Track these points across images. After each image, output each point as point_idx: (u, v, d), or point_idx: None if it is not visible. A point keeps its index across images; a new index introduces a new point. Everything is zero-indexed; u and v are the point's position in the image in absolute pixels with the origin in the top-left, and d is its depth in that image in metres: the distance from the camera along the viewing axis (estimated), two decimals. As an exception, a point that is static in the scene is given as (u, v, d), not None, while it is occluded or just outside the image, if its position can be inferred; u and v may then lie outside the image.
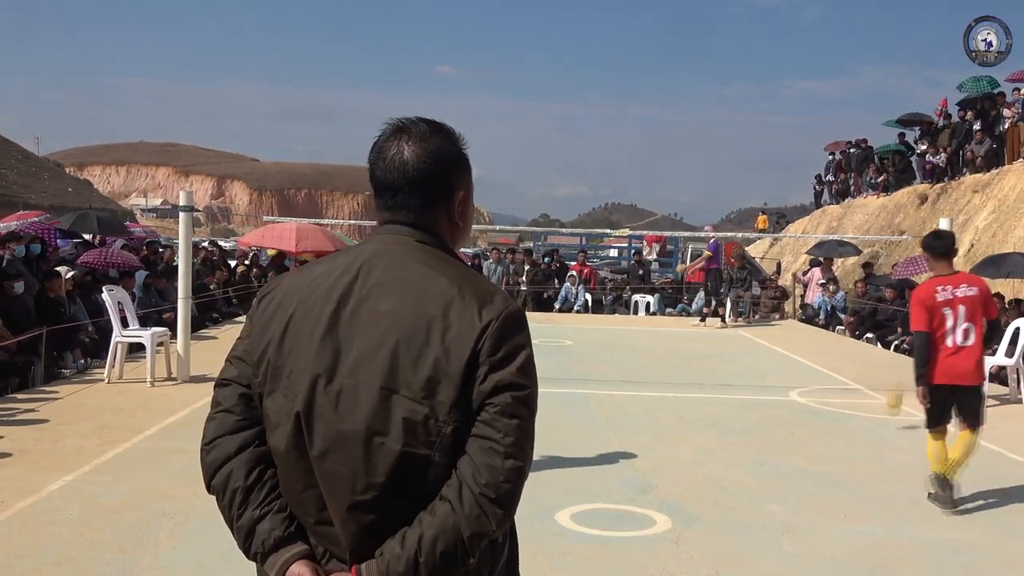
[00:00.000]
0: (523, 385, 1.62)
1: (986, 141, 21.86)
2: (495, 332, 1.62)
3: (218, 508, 1.75)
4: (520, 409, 1.61)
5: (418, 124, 1.78)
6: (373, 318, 1.65)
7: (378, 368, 1.62)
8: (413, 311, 1.64)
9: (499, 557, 1.74)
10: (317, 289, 1.71)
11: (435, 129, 1.78)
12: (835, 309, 17.78)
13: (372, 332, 1.64)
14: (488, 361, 1.61)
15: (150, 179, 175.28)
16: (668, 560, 4.70)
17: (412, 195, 1.75)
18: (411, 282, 1.67)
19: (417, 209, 1.76)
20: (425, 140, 1.75)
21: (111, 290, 9.85)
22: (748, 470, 6.55)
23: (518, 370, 1.63)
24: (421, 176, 1.74)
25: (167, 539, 4.79)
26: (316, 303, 1.69)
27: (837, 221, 29.22)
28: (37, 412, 7.78)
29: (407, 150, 1.75)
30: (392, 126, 1.79)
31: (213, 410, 1.80)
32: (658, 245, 25.13)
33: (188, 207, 9.83)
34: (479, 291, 1.67)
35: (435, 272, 1.69)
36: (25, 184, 69.38)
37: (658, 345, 14.10)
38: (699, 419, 8.32)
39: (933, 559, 4.91)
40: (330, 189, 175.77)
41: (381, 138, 1.79)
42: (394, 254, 1.72)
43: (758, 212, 53.49)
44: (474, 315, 1.63)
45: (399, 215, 1.77)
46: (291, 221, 23.63)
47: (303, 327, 1.69)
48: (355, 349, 1.64)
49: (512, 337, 1.64)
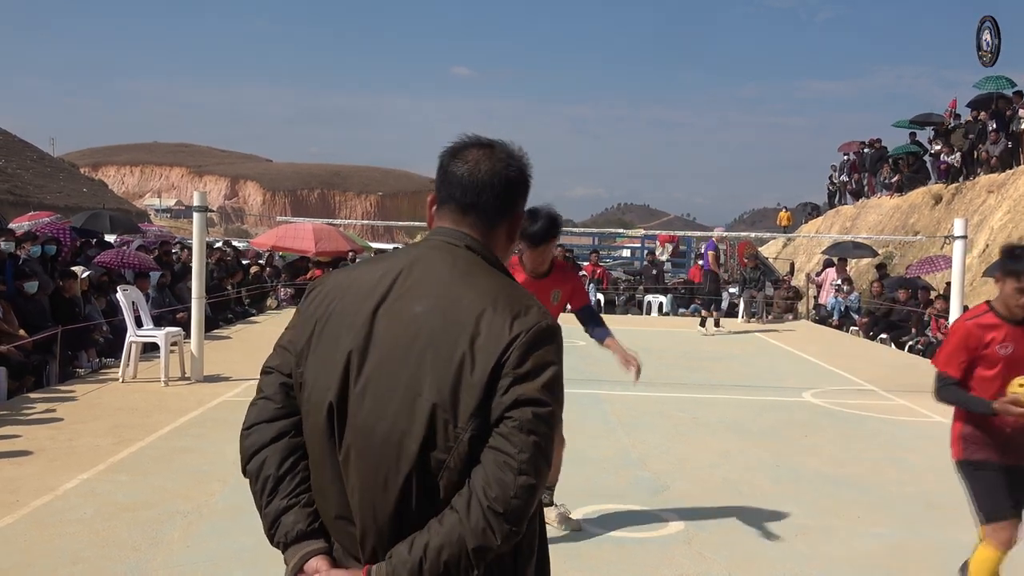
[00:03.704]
0: (545, 402, 1.61)
1: (1001, 141, 21.72)
2: (523, 344, 1.61)
3: (250, 492, 1.79)
4: (539, 426, 1.59)
5: (502, 145, 1.84)
6: (406, 318, 1.66)
7: (405, 368, 1.63)
8: (445, 315, 1.64)
9: (523, 568, 1.72)
10: (360, 287, 1.75)
11: (514, 153, 1.84)
12: (849, 310, 17.70)
13: (403, 332, 1.65)
14: (512, 373, 1.60)
15: (164, 179, 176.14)
16: (682, 561, 4.68)
17: (480, 206, 1.79)
18: (448, 286, 1.68)
19: (481, 220, 1.79)
20: (505, 160, 1.81)
21: (125, 290, 9.90)
22: (763, 471, 6.52)
23: (543, 386, 1.61)
24: (494, 191, 1.78)
25: (181, 538, 4.80)
26: (355, 300, 1.73)
27: (851, 221, 29.09)
28: (52, 411, 7.81)
29: (487, 164, 1.79)
30: (476, 138, 1.84)
31: (256, 396, 1.85)
32: (671, 245, 25.05)
33: (202, 207, 9.86)
34: (514, 302, 1.67)
35: (474, 280, 1.70)
36: (40, 185, 69.77)
37: (672, 346, 14.05)
38: (713, 420, 8.29)
39: (951, 563, 4.87)
40: (343, 190, 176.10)
41: (463, 145, 1.83)
42: (438, 259, 1.74)
43: (772, 212, 53.21)
44: (504, 325, 1.62)
45: (460, 222, 1.80)
46: (306, 222, 23.70)
47: (341, 322, 1.72)
48: (386, 347, 1.66)
49: (540, 352, 1.63)
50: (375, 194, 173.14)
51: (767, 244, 34.61)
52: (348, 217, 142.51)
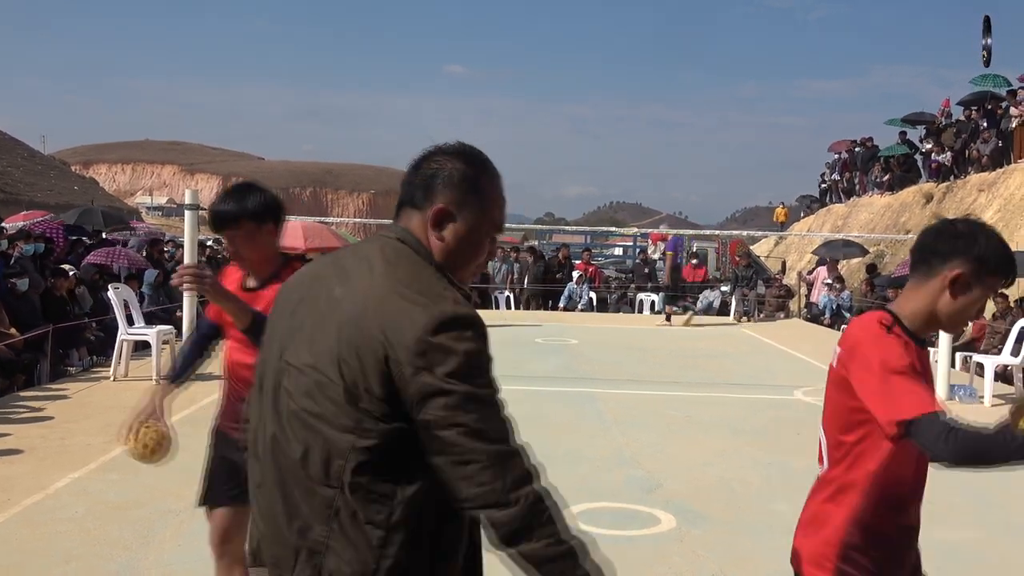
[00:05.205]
0: (452, 391, 1.58)
1: (992, 140, 21.80)
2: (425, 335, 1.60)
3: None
4: (457, 415, 1.58)
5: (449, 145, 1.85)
6: (324, 304, 1.72)
7: (315, 350, 1.68)
8: (356, 300, 1.67)
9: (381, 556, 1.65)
10: (304, 278, 1.85)
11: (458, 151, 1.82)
12: (841, 308, 17.75)
13: (319, 315, 1.72)
14: (412, 363, 1.58)
15: (156, 177, 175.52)
16: (674, 559, 4.69)
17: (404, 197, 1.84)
18: (360, 272, 1.72)
19: (404, 212, 1.82)
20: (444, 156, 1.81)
21: (116, 288, 9.88)
22: (755, 470, 6.53)
23: (447, 375, 1.58)
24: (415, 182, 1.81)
25: (172, 537, 4.79)
26: (295, 291, 1.83)
27: (842, 220, 29.17)
28: (43, 410, 7.79)
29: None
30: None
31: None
32: (663, 244, 25.07)
33: (194, 205, 9.83)
34: (423, 292, 1.65)
35: (391, 267, 1.71)
36: (31, 183, 69.48)
37: (664, 344, 14.08)
38: (706, 418, 8.31)
39: (938, 559, 4.88)
40: (335, 188, 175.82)
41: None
42: (366, 248, 1.80)
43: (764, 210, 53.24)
44: (412, 313, 1.61)
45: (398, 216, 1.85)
46: (296, 220, 23.67)
47: (280, 311, 1.83)
48: (306, 331, 1.72)
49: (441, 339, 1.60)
50: (368, 192, 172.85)
51: (759, 242, 34.68)
52: (341, 215, 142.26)
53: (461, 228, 1.77)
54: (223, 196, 3.13)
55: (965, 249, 2.17)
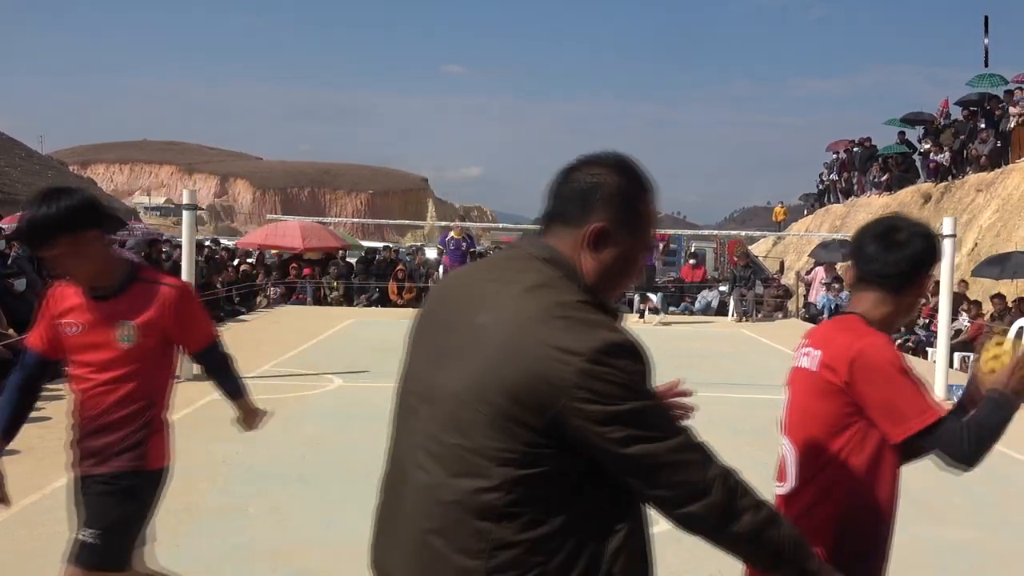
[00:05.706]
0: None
1: (990, 140, 21.83)
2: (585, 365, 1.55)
3: None
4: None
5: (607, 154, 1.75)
6: (467, 330, 1.65)
7: (462, 381, 1.61)
8: (505, 330, 1.59)
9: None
10: (444, 292, 1.79)
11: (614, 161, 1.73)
12: (839, 308, 17.75)
13: (461, 343, 1.65)
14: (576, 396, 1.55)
15: (153, 177, 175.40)
16: (671, 559, 4.68)
17: (552, 212, 1.73)
18: (505, 298, 1.63)
19: (553, 228, 1.72)
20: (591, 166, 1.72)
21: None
22: (754, 470, 6.47)
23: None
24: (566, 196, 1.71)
25: (170, 537, 4.78)
26: (437, 306, 1.78)
27: (841, 220, 29.19)
28: (41, 409, 7.77)
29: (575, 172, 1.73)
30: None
31: None
32: (661, 244, 25.10)
33: (191, 205, 9.84)
34: (578, 320, 1.58)
35: (540, 292, 1.62)
36: (28, 183, 69.34)
37: (662, 344, 14.08)
38: (704, 418, 8.25)
39: (936, 559, 4.89)
40: (333, 188, 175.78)
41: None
42: (510, 270, 1.70)
43: (763, 210, 53.29)
44: (569, 343, 1.55)
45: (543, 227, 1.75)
46: (293, 220, 23.67)
47: (422, 328, 1.78)
48: (450, 357, 1.65)
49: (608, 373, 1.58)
50: (365, 192, 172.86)
51: (757, 242, 34.69)
52: (339, 215, 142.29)
53: (618, 249, 1.69)
54: (30, 211, 2.73)
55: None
